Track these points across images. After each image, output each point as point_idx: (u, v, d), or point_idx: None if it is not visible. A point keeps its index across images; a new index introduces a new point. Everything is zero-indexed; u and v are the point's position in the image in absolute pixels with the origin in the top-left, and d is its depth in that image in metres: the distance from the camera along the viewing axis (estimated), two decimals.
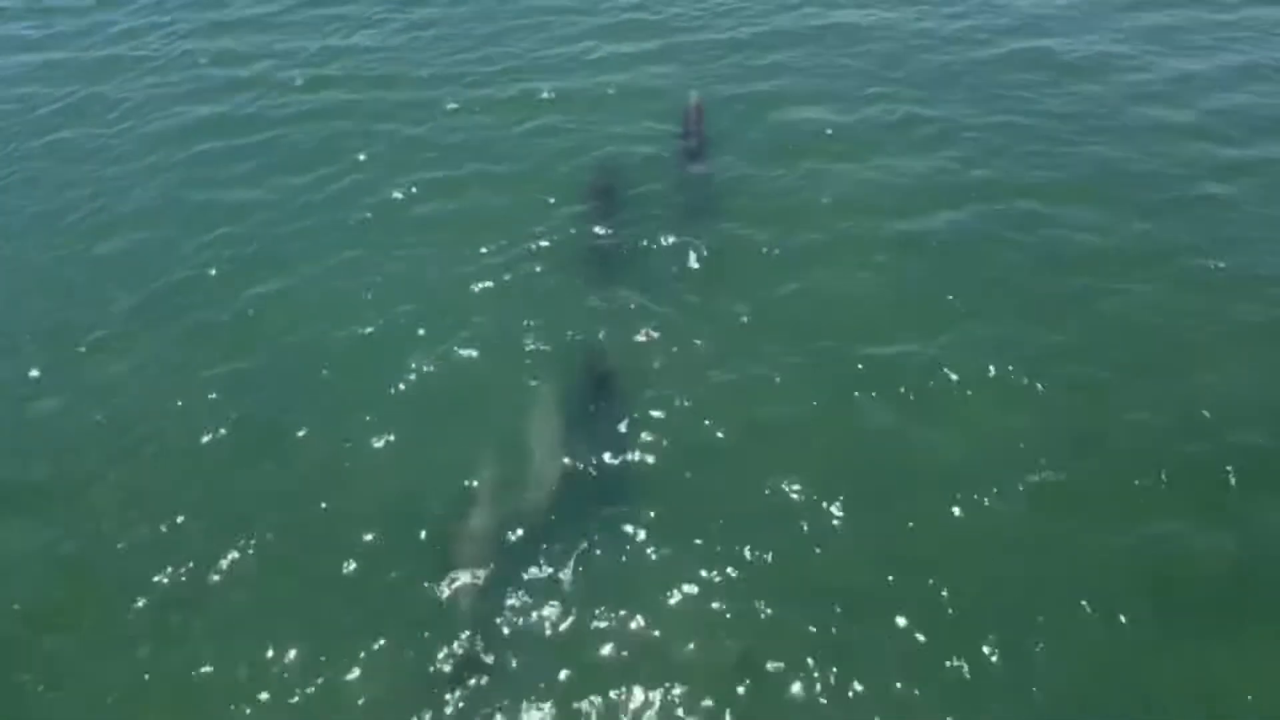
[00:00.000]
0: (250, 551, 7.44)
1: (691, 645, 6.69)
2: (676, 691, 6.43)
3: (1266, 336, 9.07)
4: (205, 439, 8.35)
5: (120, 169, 11.89)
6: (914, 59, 13.49)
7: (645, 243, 10.25)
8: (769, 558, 7.18)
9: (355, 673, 6.65)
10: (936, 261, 9.92)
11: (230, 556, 7.40)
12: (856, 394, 8.40)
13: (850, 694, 6.45)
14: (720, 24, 14.46)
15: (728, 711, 6.37)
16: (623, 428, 8.02)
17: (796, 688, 6.49)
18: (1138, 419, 8.26)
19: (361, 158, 11.77)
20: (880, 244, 10.10)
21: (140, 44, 14.59)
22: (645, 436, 8.01)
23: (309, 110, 12.75)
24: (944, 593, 6.97)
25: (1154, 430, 8.16)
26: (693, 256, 10.05)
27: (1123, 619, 6.84)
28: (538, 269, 9.98)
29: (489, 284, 9.79)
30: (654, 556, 7.19)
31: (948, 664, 6.60)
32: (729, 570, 7.09)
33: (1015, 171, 11.25)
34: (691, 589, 7.00)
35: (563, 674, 6.54)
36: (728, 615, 6.87)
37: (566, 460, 7.74)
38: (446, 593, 6.99)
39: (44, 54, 14.61)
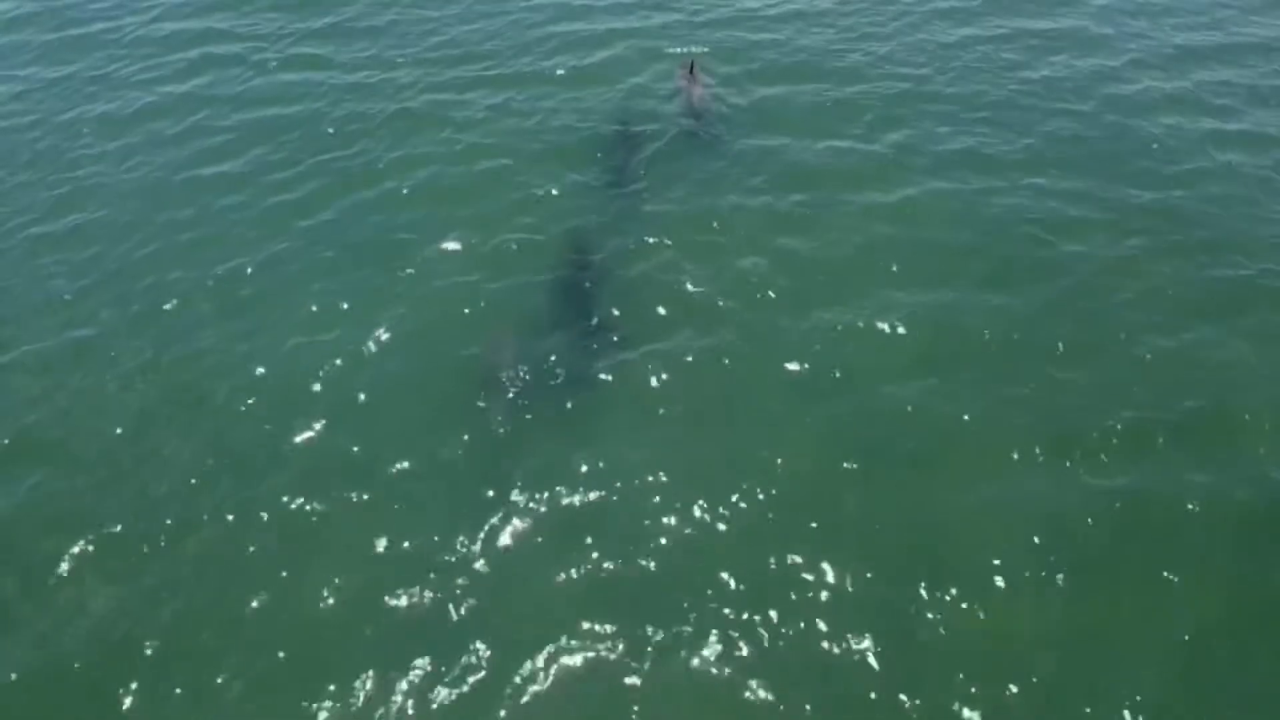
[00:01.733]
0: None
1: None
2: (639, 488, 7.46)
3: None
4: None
5: (85, 152, 11.37)
6: (903, 35, 13.60)
7: (649, 182, 10.72)
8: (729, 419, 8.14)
9: None
10: (911, 225, 10.05)
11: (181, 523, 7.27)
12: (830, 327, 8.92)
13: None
14: (704, 4, 14.51)
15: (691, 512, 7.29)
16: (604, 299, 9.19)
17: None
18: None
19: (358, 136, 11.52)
20: (855, 210, 10.28)
21: (113, 24, 14.04)
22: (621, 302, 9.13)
23: (282, 93, 12.36)
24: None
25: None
26: (687, 193, 10.51)
27: None
28: (533, 225, 10.14)
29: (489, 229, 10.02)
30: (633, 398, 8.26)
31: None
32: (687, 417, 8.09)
33: (993, 143, 11.32)
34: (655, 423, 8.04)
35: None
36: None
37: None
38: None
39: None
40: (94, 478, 7.62)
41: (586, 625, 6.56)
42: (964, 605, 6.74)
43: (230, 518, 7.28)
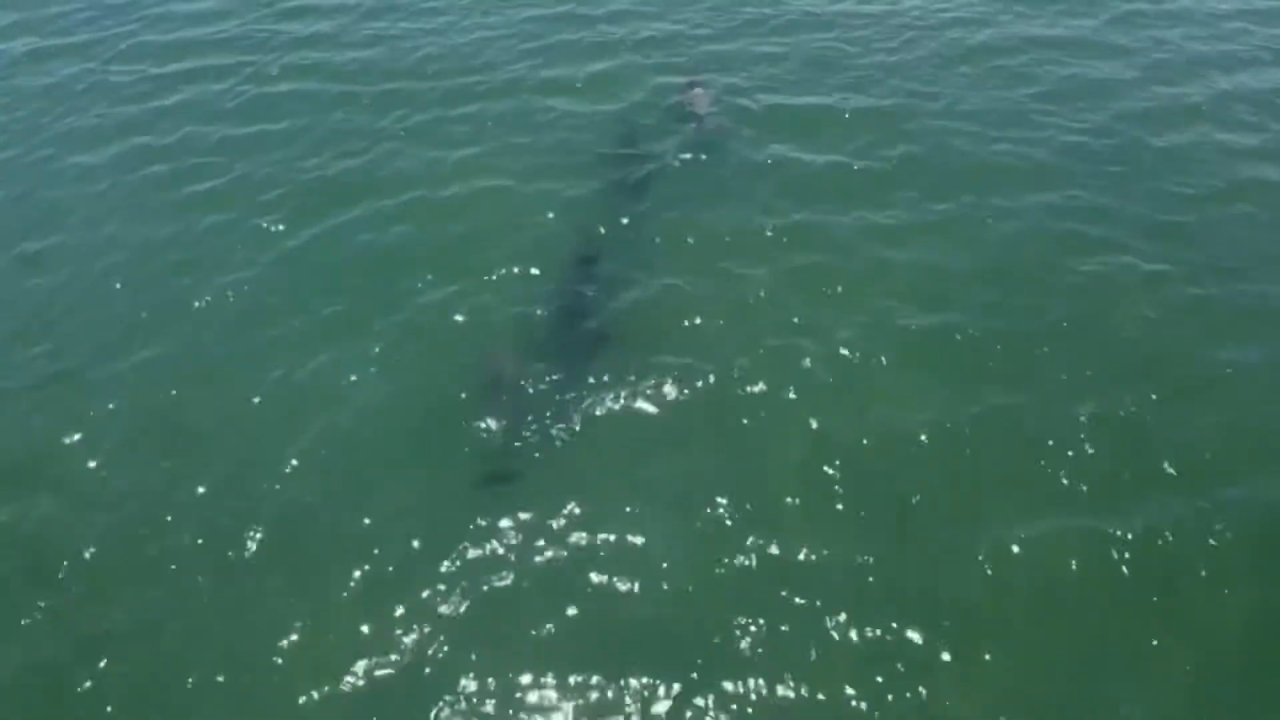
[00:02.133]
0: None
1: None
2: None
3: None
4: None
5: (64, 168, 11.05)
6: (909, 49, 13.28)
7: (650, 200, 10.41)
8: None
9: None
10: (918, 246, 9.72)
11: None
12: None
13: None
14: (704, 15, 14.19)
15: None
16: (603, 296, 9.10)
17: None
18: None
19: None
20: (862, 229, 9.96)
21: (97, 35, 13.76)
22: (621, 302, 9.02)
23: (270, 107, 12.03)
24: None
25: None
26: (689, 211, 10.23)
27: None
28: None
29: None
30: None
31: None
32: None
33: (1002, 159, 10.99)
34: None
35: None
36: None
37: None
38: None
39: None
40: (64, 516, 7.25)
41: (575, 678, 6.21)
42: (972, 650, 6.37)
43: (206, 559, 6.93)
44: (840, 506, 7.23)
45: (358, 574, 6.76)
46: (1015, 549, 6.92)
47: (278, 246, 9.60)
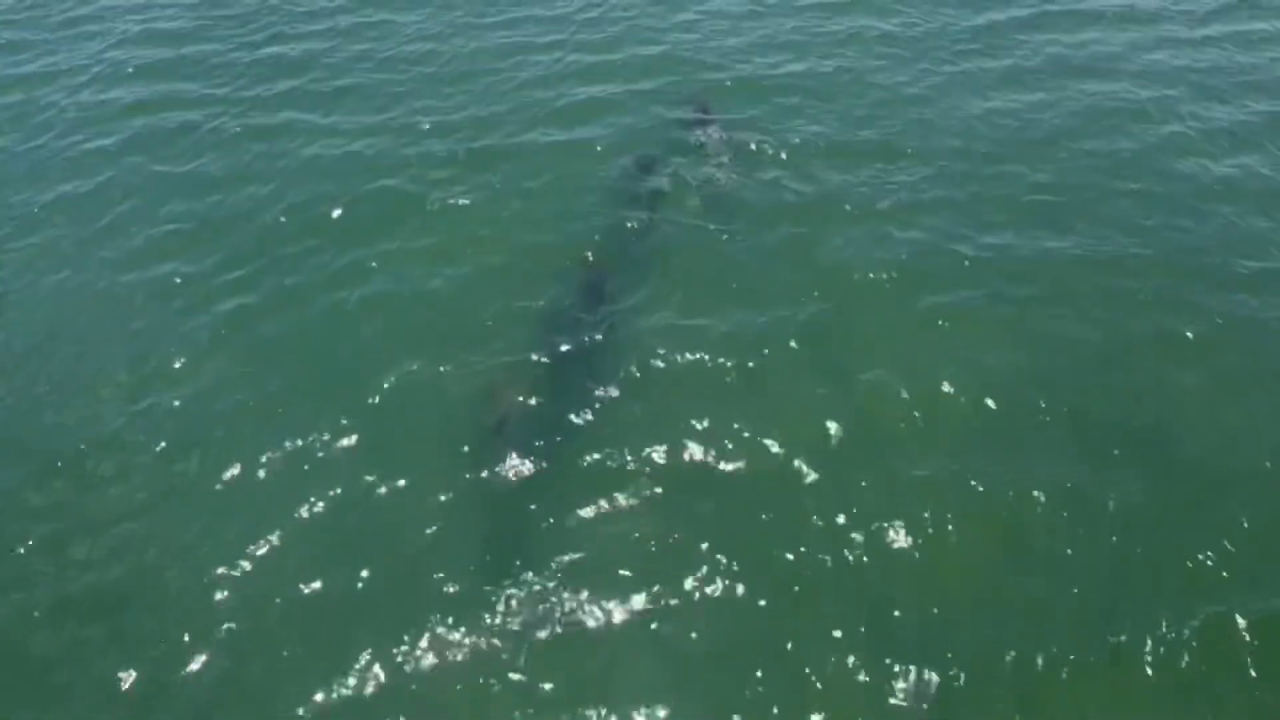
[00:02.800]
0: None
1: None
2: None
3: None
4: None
5: (22, 203, 10.41)
6: (922, 76, 12.56)
7: (655, 239, 9.88)
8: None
9: None
10: (934, 297, 9.09)
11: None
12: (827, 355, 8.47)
13: None
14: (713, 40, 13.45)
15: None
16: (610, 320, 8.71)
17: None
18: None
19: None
20: (885, 276, 9.33)
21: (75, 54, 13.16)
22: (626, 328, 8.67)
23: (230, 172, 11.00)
24: None
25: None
26: (701, 249, 9.69)
27: None
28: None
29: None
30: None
31: None
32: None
33: (1036, 228, 10.07)
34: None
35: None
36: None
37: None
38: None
39: None
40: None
41: None
42: None
43: (166, 658, 6.39)
44: (854, 617, 6.54)
45: (336, 676, 6.24)
46: (1039, 665, 6.33)
47: (239, 302, 8.84)
